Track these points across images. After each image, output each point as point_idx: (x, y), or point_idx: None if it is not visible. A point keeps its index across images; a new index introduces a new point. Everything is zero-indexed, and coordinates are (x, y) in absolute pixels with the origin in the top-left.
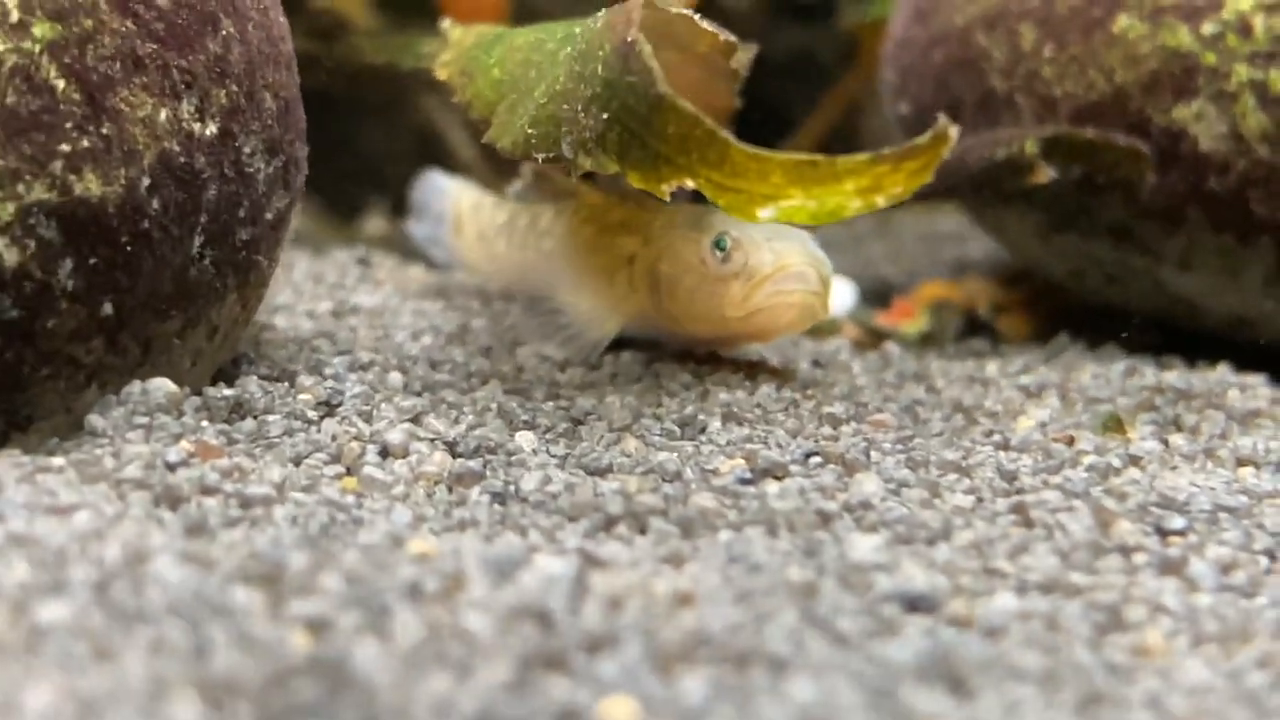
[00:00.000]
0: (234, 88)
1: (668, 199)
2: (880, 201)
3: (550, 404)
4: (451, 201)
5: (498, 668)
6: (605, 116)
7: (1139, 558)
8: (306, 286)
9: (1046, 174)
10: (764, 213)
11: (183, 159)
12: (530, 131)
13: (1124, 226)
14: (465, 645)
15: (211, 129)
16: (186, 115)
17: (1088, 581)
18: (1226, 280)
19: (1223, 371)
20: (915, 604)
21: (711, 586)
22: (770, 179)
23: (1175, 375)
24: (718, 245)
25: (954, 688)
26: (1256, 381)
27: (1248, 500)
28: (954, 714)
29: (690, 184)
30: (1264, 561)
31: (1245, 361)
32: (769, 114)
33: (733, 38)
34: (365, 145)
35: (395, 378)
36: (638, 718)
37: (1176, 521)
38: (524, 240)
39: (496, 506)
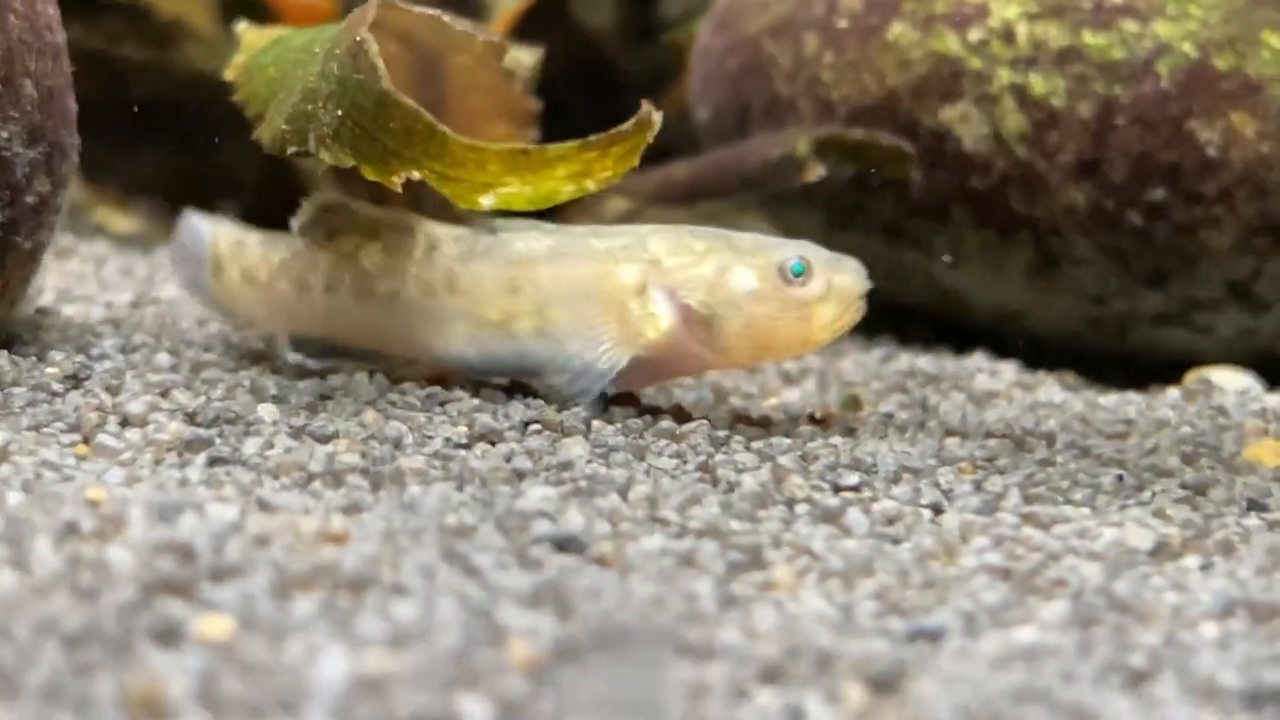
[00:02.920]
0: None
1: (398, 189)
2: (590, 185)
3: (306, 382)
4: (208, 242)
5: (122, 593)
6: (339, 113)
7: (801, 509)
8: (114, 280)
9: (817, 172)
10: (485, 200)
11: None
12: (285, 128)
13: (896, 224)
14: (100, 576)
15: None
16: None
17: (743, 528)
18: (991, 274)
19: (978, 358)
20: (564, 545)
21: (370, 530)
22: (487, 167)
23: (927, 361)
24: (793, 270)
25: (559, 611)
26: (1007, 368)
27: (935, 463)
28: (548, 629)
29: (417, 175)
30: (927, 514)
31: (1031, 355)
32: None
33: (495, 38)
34: (217, 152)
35: (162, 358)
36: (232, 632)
37: (852, 479)
38: (331, 280)
39: (212, 468)
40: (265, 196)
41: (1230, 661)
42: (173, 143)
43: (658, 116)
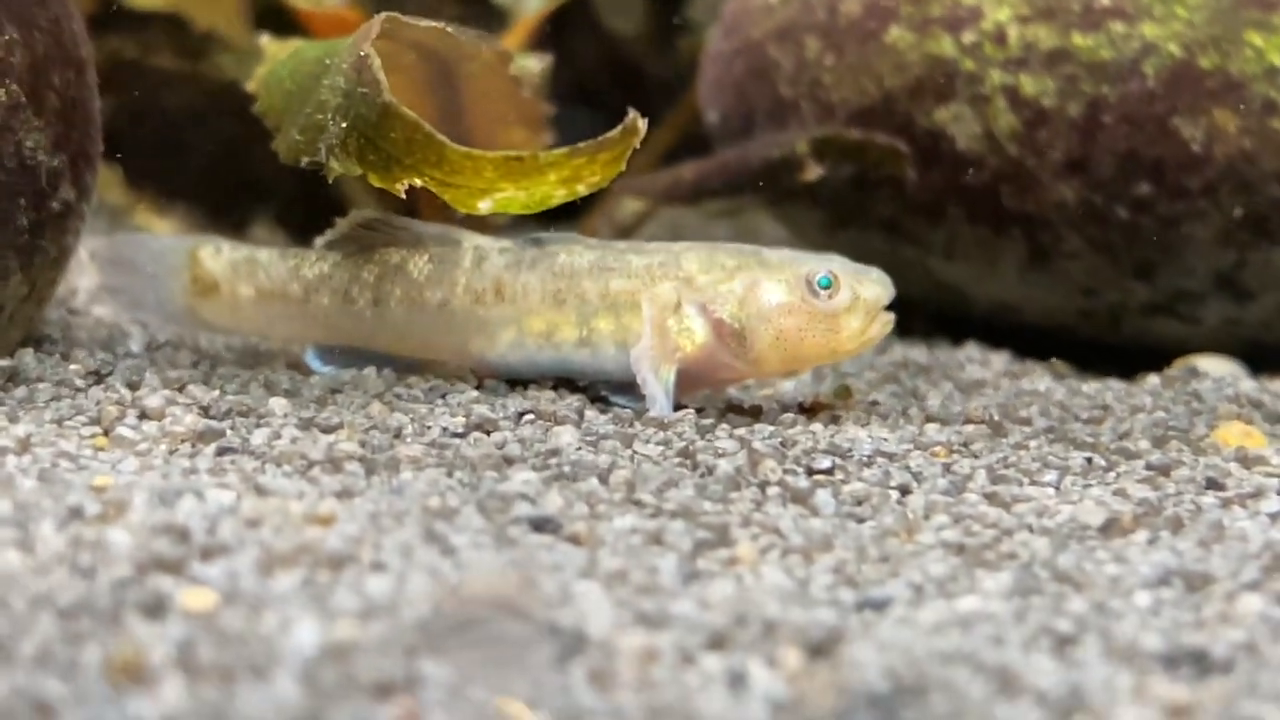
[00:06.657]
0: (14, 86)
1: (402, 195)
2: (581, 189)
3: (318, 377)
4: (177, 261)
5: (117, 571)
6: (345, 124)
7: (772, 490)
8: None
9: (815, 172)
10: (483, 204)
11: None
12: (298, 138)
13: (894, 221)
14: (98, 555)
15: None
16: None
17: (714, 509)
18: (986, 268)
19: (969, 348)
20: (541, 525)
21: (358, 513)
22: (484, 174)
23: (919, 351)
24: (820, 284)
25: (523, 582)
26: (998, 358)
27: (909, 448)
28: (515, 598)
29: (419, 181)
30: (895, 495)
31: (1027, 346)
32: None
33: (500, 47)
34: (252, 159)
35: (184, 355)
36: (216, 604)
37: (825, 463)
38: (380, 292)
39: (220, 457)
40: (298, 200)
41: (1156, 626)
42: (208, 149)
43: (643, 124)
